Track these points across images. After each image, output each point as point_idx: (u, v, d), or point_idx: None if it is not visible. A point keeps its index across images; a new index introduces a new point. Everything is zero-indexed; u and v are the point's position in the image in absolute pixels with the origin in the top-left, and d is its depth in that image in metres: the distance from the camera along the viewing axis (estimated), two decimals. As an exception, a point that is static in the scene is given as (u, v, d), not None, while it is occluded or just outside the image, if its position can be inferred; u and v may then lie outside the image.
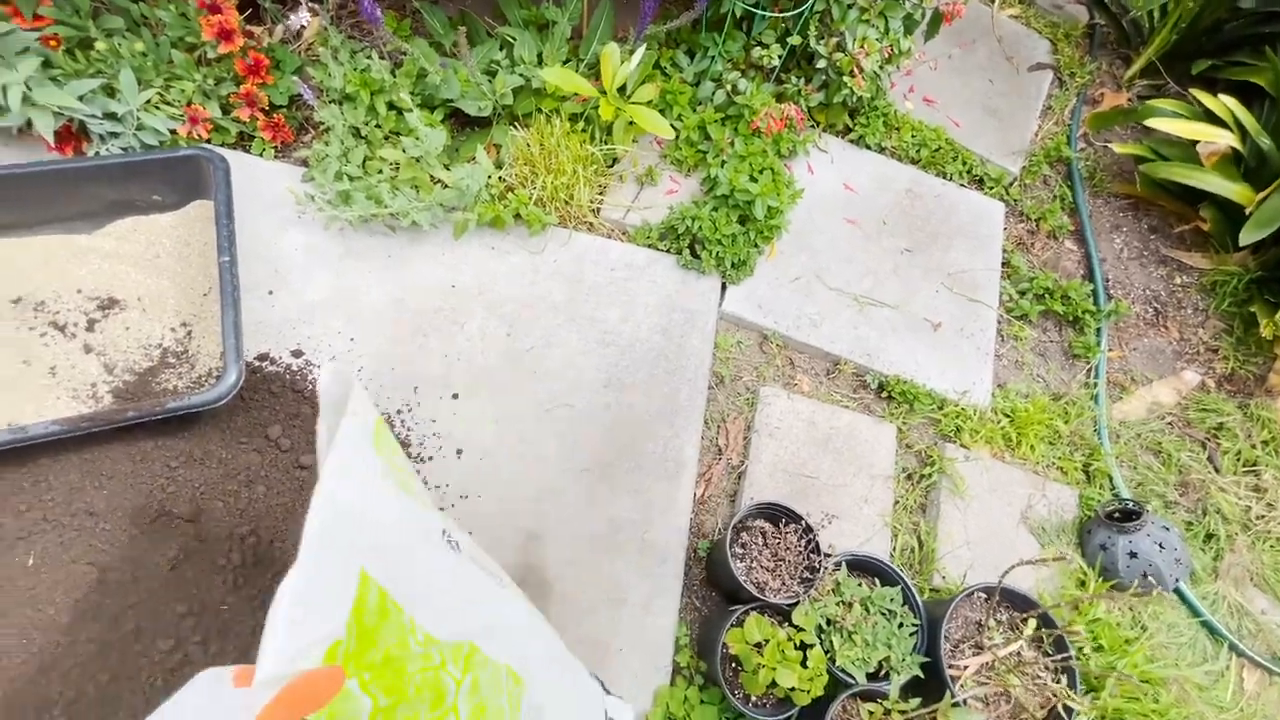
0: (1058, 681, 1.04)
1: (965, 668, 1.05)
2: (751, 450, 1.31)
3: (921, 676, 1.04)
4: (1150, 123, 1.66)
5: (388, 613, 0.55)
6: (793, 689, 0.95)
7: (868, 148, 1.72)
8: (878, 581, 1.12)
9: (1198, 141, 1.63)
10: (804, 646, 0.99)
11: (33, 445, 0.96)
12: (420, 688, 0.57)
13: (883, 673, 1.04)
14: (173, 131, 1.25)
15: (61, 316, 1.13)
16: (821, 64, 1.54)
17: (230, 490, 1.03)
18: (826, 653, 1.03)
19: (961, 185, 1.75)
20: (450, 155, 1.38)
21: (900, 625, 1.06)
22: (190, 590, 0.92)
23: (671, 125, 1.40)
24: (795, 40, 1.52)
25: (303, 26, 1.26)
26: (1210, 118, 1.64)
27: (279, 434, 1.11)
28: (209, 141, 1.31)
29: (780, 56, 1.53)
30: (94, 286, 1.16)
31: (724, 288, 1.45)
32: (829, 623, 1.05)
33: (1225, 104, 1.63)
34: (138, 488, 0.99)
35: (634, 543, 1.17)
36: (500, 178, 1.37)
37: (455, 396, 1.23)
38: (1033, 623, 1.08)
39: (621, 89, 1.41)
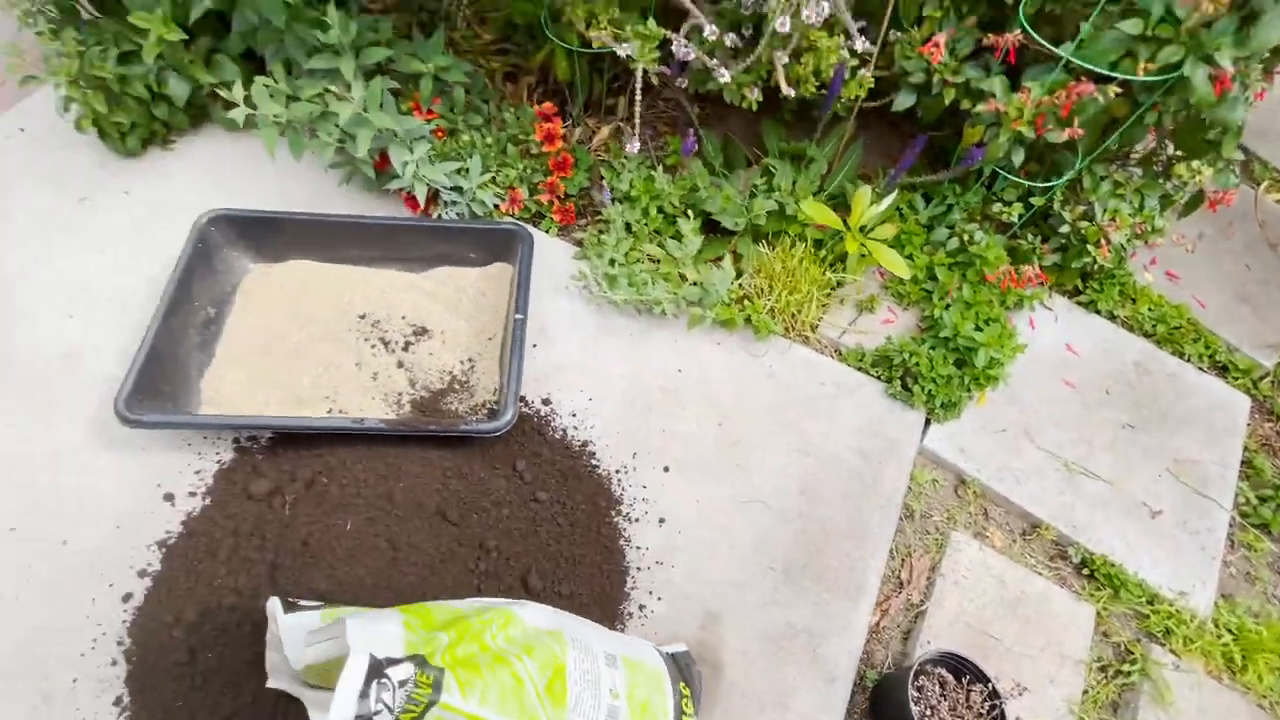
0: None
1: None
2: (934, 593, 1.31)
3: None
4: None
5: (429, 608, 0.81)
6: None
7: (1097, 312, 1.70)
8: (1063, 773, 1.06)
9: None
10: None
11: (359, 435, 1.23)
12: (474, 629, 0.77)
13: None
14: (496, 206, 1.56)
15: (388, 335, 1.43)
16: (1064, 229, 1.58)
17: (482, 507, 1.23)
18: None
19: (1200, 369, 1.66)
20: (698, 255, 1.58)
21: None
22: (448, 583, 1.11)
23: (904, 264, 1.50)
24: (1038, 202, 1.57)
25: (625, 146, 1.52)
26: None
27: (523, 467, 1.30)
28: (516, 215, 1.62)
29: (1021, 215, 1.58)
30: (414, 316, 1.46)
31: (927, 423, 1.49)
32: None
33: None
34: (422, 488, 1.22)
35: (806, 653, 1.21)
36: (739, 284, 1.54)
37: (666, 469, 1.37)
38: None
39: (863, 225, 1.54)
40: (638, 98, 1.25)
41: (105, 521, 1.22)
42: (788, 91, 1.27)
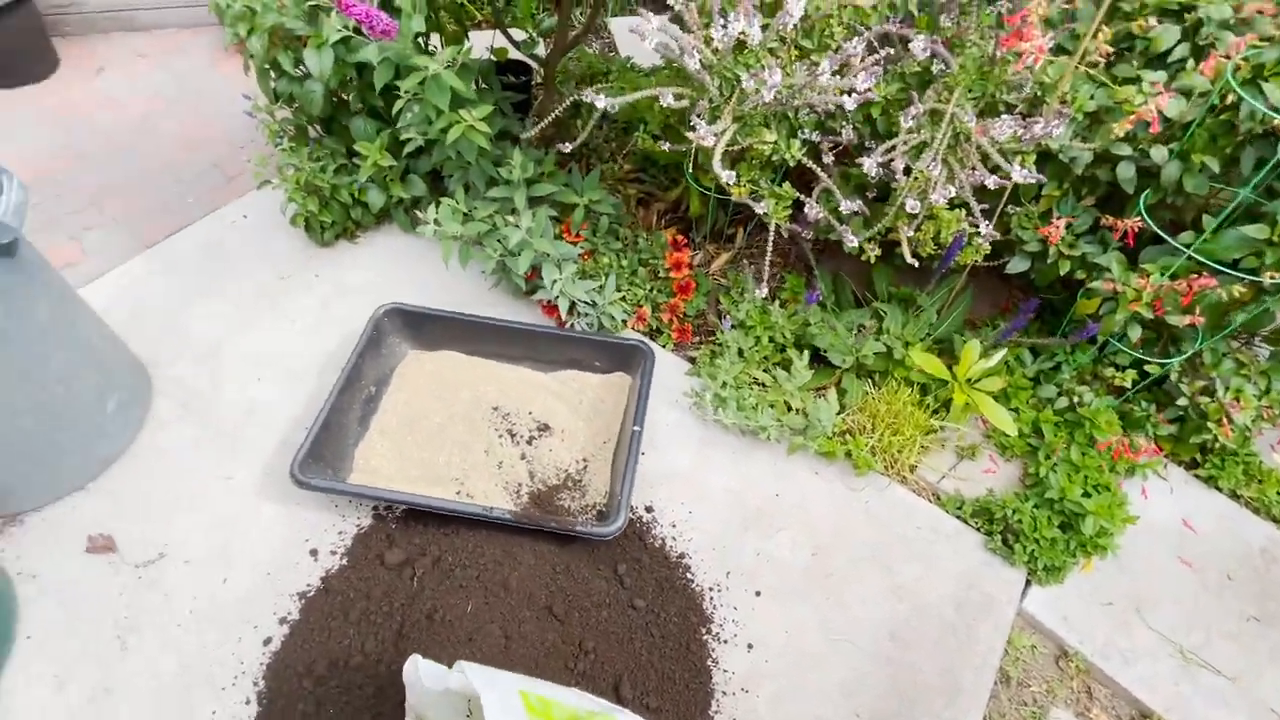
0: None
1: None
2: (1030, 771, 1.25)
3: None
4: None
5: (550, 703, 0.89)
6: None
7: (1218, 489, 1.64)
8: None
9: None
10: None
11: (484, 521, 1.36)
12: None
13: None
14: (624, 321, 1.74)
15: (516, 427, 1.59)
16: (1182, 401, 1.57)
17: (584, 607, 1.32)
18: None
19: (1339, 566, 1.55)
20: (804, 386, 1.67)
21: None
22: (549, 679, 1.18)
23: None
24: (1154, 370, 1.58)
25: (753, 289, 1.68)
26: None
27: (624, 571, 1.38)
28: (640, 330, 1.78)
29: (1134, 382, 1.59)
30: (540, 413, 1.61)
31: (1028, 583, 1.46)
32: None
33: None
34: (534, 579, 1.32)
35: (889, 813, 1.18)
36: (842, 418, 1.61)
37: (758, 594, 1.41)
38: None
39: (969, 377, 1.60)
40: (769, 249, 1.41)
41: (259, 567, 1.39)
42: (910, 260, 1.39)
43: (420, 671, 0.91)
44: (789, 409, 1.63)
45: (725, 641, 1.34)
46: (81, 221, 2.00)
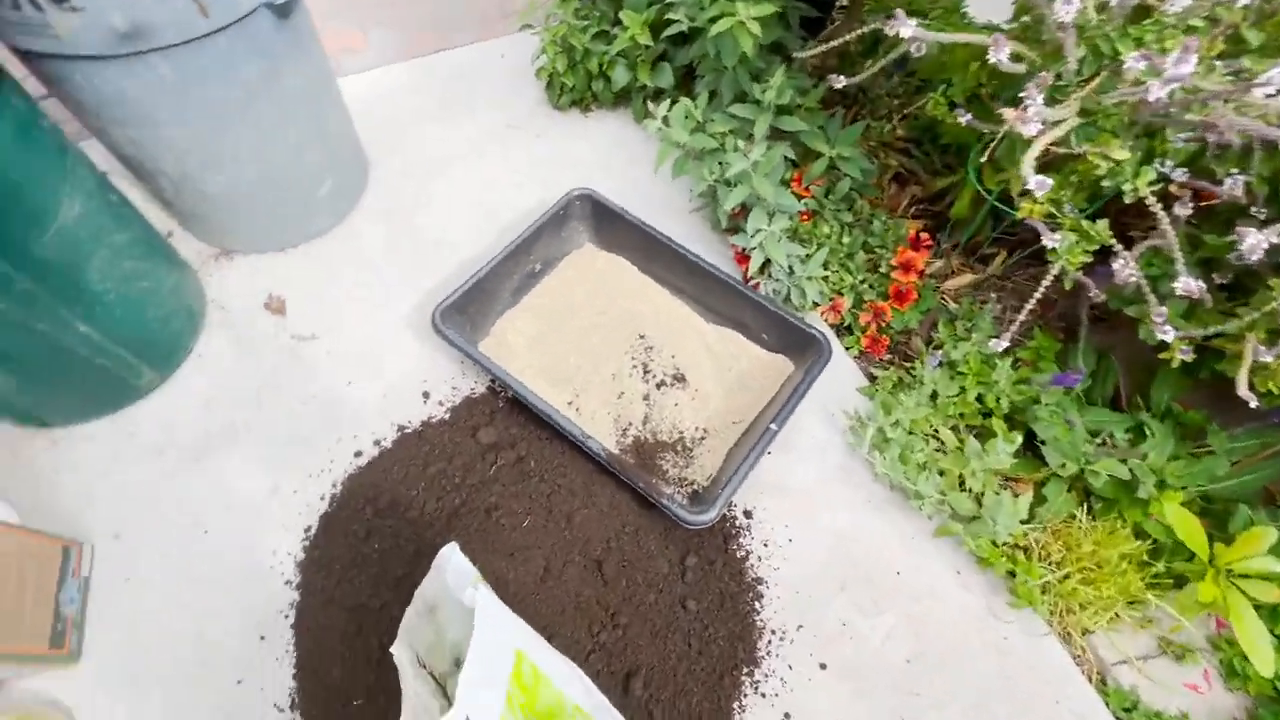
0: None
1: None
2: None
3: None
4: None
5: (540, 679, 0.78)
6: None
7: None
8: None
9: None
10: None
11: (577, 445, 1.27)
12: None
13: None
14: (815, 303, 1.48)
15: (652, 365, 1.45)
16: None
17: (634, 580, 1.20)
18: None
19: None
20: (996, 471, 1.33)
21: None
22: (569, 634, 1.10)
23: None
24: None
25: (990, 341, 1.32)
26: None
27: (691, 565, 1.23)
28: (828, 321, 1.52)
29: None
30: (682, 360, 1.46)
31: None
32: None
33: None
34: (598, 527, 1.22)
35: None
36: (1024, 530, 1.26)
37: (823, 666, 1.19)
38: None
39: (1231, 568, 1.15)
40: (1035, 297, 1.06)
41: (380, 386, 1.44)
42: (1243, 392, 0.97)
43: (451, 563, 0.86)
44: (961, 486, 1.31)
45: (763, 695, 1.16)
46: (375, 15, 2.12)
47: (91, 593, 1.20)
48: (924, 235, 1.47)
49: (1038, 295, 1.05)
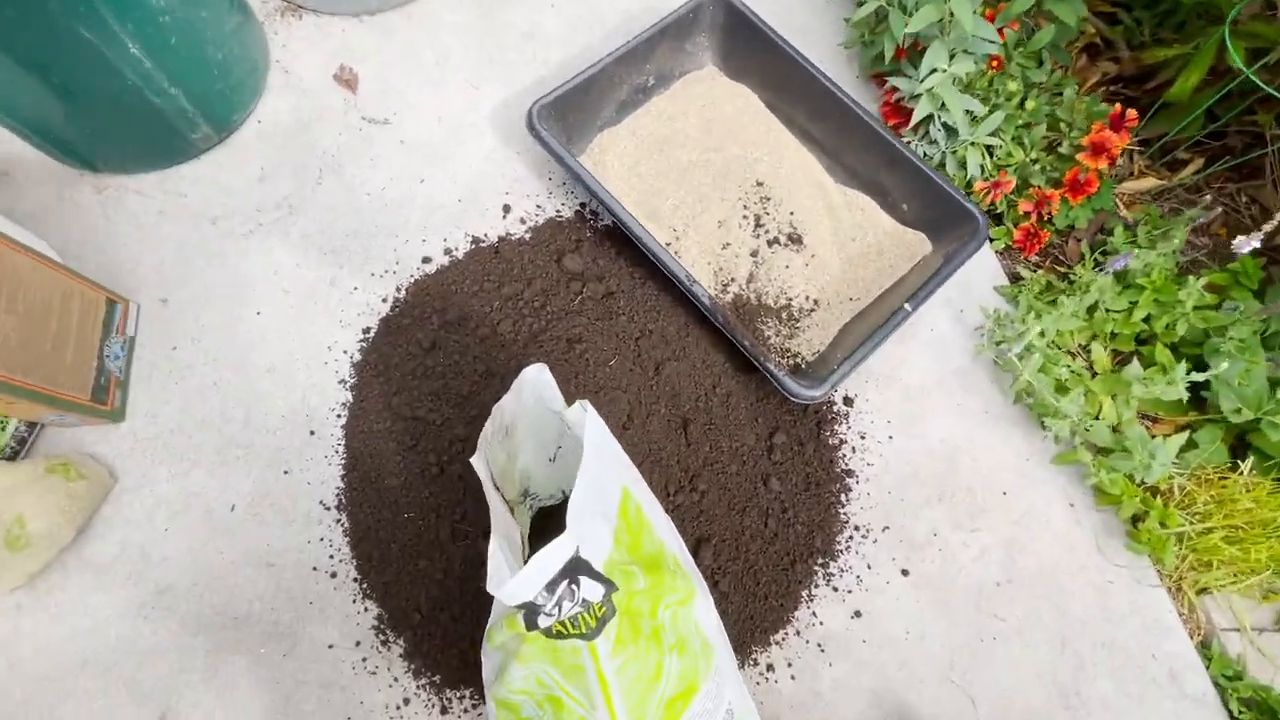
0: None
1: None
2: None
3: None
4: None
5: (645, 523, 0.69)
6: None
7: None
8: None
9: None
10: None
11: (675, 286, 1.11)
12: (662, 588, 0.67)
13: None
14: (974, 178, 1.25)
15: (765, 219, 1.25)
16: None
17: (719, 446, 1.07)
18: None
19: None
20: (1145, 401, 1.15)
21: None
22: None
23: None
24: None
25: (1235, 244, 1.06)
26: None
27: (779, 442, 1.11)
28: (983, 202, 1.29)
29: None
30: (802, 219, 1.25)
31: (1243, 820, 1.01)
32: None
33: None
34: (688, 382, 1.08)
35: None
36: (1166, 473, 1.09)
37: (905, 573, 1.09)
38: None
39: None
40: (1246, 201, 0.82)
41: (455, 191, 1.27)
42: None
43: (541, 381, 0.73)
44: (1098, 415, 1.14)
45: (835, 589, 1.07)
46: None
47: (137, 354, 1.11)
48: (1131, 113, 1.19)
49: (1247, 201, 0.81)
